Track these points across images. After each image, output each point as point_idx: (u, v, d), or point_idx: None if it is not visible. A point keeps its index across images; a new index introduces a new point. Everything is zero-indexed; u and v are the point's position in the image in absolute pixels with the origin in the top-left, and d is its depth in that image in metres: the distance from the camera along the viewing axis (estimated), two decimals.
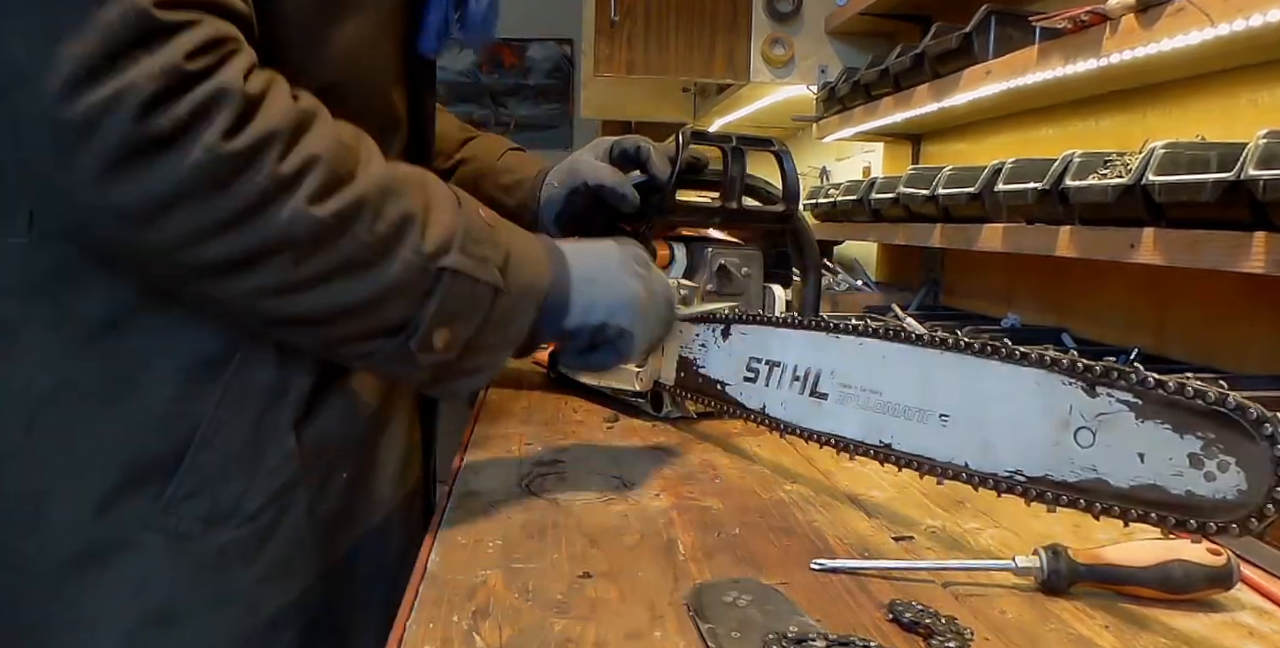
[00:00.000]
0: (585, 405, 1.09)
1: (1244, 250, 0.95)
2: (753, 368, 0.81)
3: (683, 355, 0.93)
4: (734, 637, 0.49)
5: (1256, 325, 1.24)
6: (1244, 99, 1.27)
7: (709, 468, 0.84)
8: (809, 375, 0.74)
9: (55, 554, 0.63)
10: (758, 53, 2.69)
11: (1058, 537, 0.66)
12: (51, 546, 0.63)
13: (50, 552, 0.63)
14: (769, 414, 0.79)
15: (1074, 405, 0.54)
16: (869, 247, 2.68)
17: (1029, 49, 1.36)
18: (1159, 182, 1.03)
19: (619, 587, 0.57)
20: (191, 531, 0.63)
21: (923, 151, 2.39)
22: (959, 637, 0.50)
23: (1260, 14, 0.94)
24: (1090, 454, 0.54)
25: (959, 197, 1.53)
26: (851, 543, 0.66)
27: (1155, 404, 0.51)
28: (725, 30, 2.72)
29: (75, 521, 0.62)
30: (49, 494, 0.63)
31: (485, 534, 0.66)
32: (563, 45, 5.52)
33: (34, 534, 0.63)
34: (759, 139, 1.07)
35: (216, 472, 0.64)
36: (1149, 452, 0.51)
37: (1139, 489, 0.51)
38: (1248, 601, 0.58)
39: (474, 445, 0.91)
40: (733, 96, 3.07)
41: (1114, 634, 0.53)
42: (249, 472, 0.65)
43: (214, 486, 0.64)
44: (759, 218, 1.09)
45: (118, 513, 0.62)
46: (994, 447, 0.59)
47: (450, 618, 0.53)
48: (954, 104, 1.69)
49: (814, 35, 2.70)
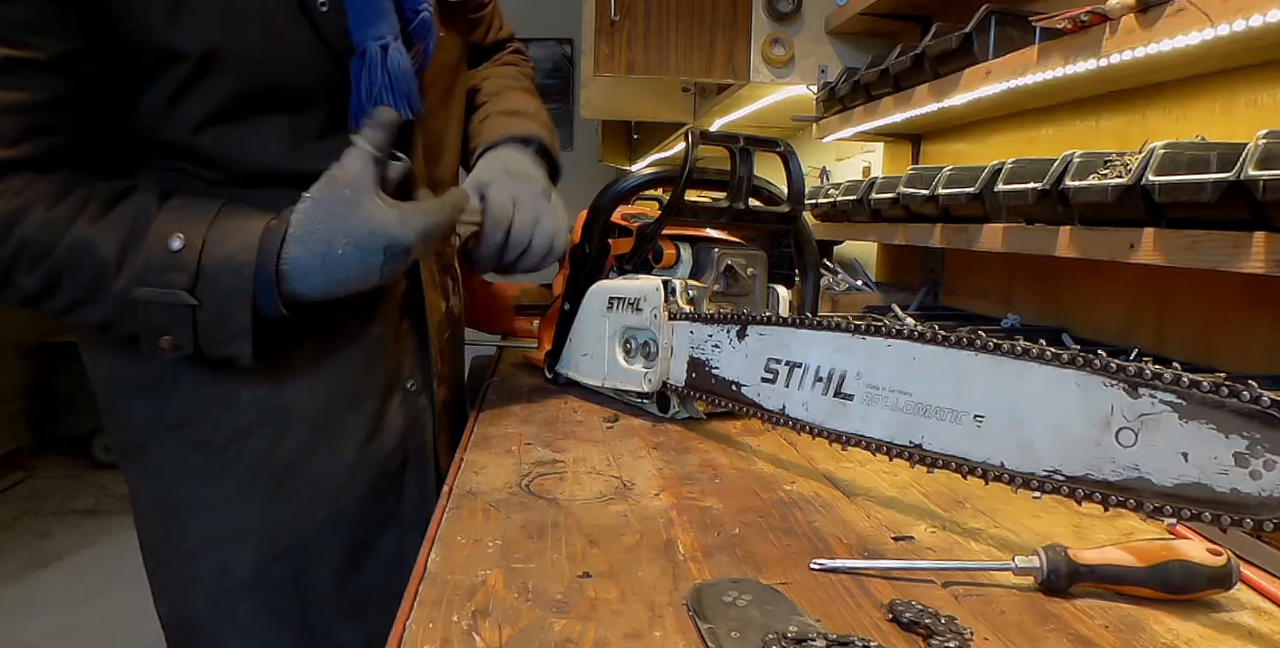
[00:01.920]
0: (585, 405, 1.09)
1: (1244, 250, 0.95)
2: (771, 369, 0.81)
3: (693, 356, 0.92)
4: (734, 637, 0.49)
5: (1256, 325, 1.24)
6: (1244, 99, 1.27)
7: (709, 468, 0.84)
8: (833, 376, 0.74)
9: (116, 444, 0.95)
10: (758, 53, 2.70)
11: (1058, 537, 0.66)
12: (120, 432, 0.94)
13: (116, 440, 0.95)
14: (789, 415, 0.79)
15: (1115, 406, 0.55)
16: (869, 247, 2.68)
17: (1029, 49, 1.36)
18: (1159, 182, 1.03)
19: (619, 587, 0.57)
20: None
21: (923, 151, 2.39)
22: (959, 637, 0.50)
23: (1260, 14, 0.94)
24: (1132, 454, 0.54)
25: (959, 197, 1.53)
26: (851, 543, 0.66)
27: (1199, 405, 0.51)
28: (725, 30, 2.72)
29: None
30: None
31: (485, 534, 0.66)
32: (563, 45, 5.52)
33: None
34: (766, 140, 1.07)
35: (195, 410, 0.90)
36: (1193, 451, 0.52)
37: (1183, 487, 0.52)
38: (1248, 601, 0.58)
39: (474, 446, 0.91)
40: (733, 96, 3.07)
41: (1114, 634, 0.53)
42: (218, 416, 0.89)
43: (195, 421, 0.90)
44: (765, 219, 1.09)
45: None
46: (1032, 447, 0.60)
47: (450, 618, 0.53)
48: (954, 104, 1.69)
49: (814, 35, 2.70)
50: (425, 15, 0.88)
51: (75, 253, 0.76)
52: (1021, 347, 0.61)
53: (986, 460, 0.62)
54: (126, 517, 1.08)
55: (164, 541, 0.94)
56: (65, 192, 0.77)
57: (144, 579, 0.97)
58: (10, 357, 4.11)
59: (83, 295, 0.78)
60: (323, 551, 0.92)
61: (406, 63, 0.86)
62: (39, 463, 4.20)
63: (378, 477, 0.95)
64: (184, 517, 0.92)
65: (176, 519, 0.92)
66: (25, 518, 3.52)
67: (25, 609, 2.74)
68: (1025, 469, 0.60)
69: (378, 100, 0.84)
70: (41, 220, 0.76)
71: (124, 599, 2.72)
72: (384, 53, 0.84)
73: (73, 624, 2.64)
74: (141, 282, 0.77)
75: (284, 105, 0.84)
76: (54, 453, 4.29)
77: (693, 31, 2.73)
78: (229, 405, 0.88)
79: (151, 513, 0.94)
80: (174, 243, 0.77)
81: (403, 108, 0.86)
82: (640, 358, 1.01)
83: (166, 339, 0.79)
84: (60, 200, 0.77)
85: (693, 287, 1.00)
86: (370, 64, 0.84)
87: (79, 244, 0.76)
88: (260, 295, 0.78)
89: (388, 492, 0.96)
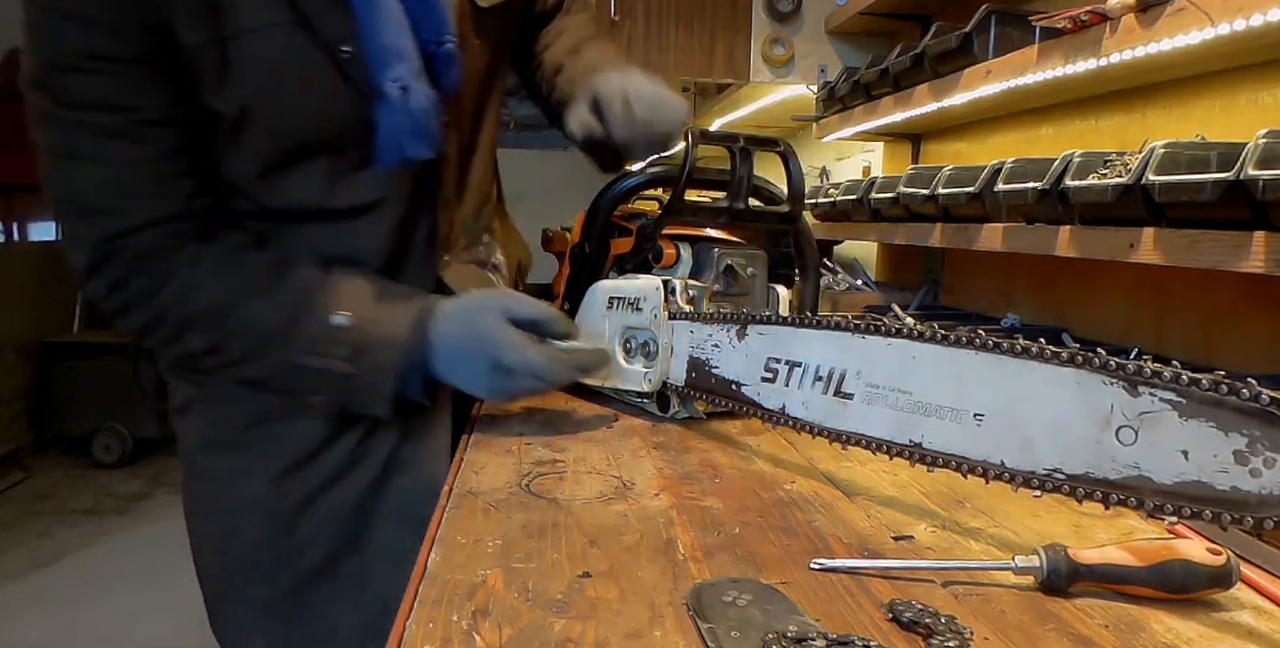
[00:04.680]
0: (585, 405, 1.09)
1: (1244, 250, 0.95)
2: (771, 368, 0.81)
3: (694, 356, 0.92)
4: (734, 636, 0.49)
5: (1256, 325, 1.24)
6: (1244, 99, 1.27)
7: (709, 468, 0.84)
8: (833, 375, 0.74)
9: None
10: (758, 52, 2.70)
11: (1058, 537, 0.66)
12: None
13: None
14: (789, 414, 0.79)
15: (1115, 404, 0.55)
16: (869, 246, 2.68)
17: (1029, 49, 1.36)
18: (1159, 181, 1.03)
19: (619, 586, 0.57)
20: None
21: (923, 151, 2.39)
22: (959, 637, 0.50)
23: (1260, 14, 0.94)
24: (1132, 452, 0.54)
25: (959, 196, 1.53)
26: (851, 543, 0.66)
27: (1199, 403, 0.51)
28: (725, 30, 2.72)
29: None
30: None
31: (485, 534, 0.66)
32: None
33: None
34: (766, 139, 1.07)
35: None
36: (1193, 449, 0.52)
37: (1183, 485, 0.52)
38: (1248, 601, 0.58)
39: (474, 446, 0.91)
40: (733, 96, 3.07)
41: (1114, 634, 0.53)
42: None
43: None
44: (765, 218, 1.09)
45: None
46: (1032, 446, 0.60)
47: (450, 618, 0.53)
48: (954, 104, 1.69)
49: (814, 35, 2.70)
50: (449, 46, 0.90)
51: (247, 323, 0.88)
52: (1021, 346, 0.61)
53: (987, 459, 0.62)
54: (126, 517, 1.11)
55: (193, 500, 1.03)
56: (233, 261, 0.89)
57: (144, 579, 1.00)
58: (10, 357, 4.11)
59: (247, 357, 0.89)
60: (322, 532, 0.98)
61: (427, 101, 0.89)
62: (39, 463, 4.20)
63: (381, 468, 0.99)
64: (204, 482, 1.01)
65: (199, 483, 1.01)
66: (25, 518, 3.52)
67: (26, 609, 2.74)
68: (1025, 468, 0.60)
69: (399, 142, 0.89)
70: (214, 292, 0.87)
71: (124, 599, 2.72)
72: (404, 94, 0.87)
73: (73, 624, 2.64)
74: (308, 351, 0.88)
75: (322, 148, 0.90)
76: (54, 453, 4.29)
77: (693, 31, 2.73)
78: (255, 393, 0.95)
79: (185, 473, 1.03)
80: (338, 319, 0.88)
81: (422, 149, 0.90)
82: (640, 358, 1.01)
83: (316, 398, 0.92)
84: (229, 271, 0.88)
85: (693, 286, 1.00)
86: (389, 108, 0.87)
87: (251, 316, 0.88)
88: (409, 373, 0.90)
89: (387, 483, 1.00)
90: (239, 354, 0.89)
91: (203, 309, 0.87)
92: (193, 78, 0.83)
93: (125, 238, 0.85)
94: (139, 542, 3.23)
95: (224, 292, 0.88)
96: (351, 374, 0.88)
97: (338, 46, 0.85)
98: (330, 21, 0.85)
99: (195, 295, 0.87)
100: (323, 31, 0.85)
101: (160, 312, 0.87)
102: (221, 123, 0.85)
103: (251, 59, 0.83)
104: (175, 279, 0.87)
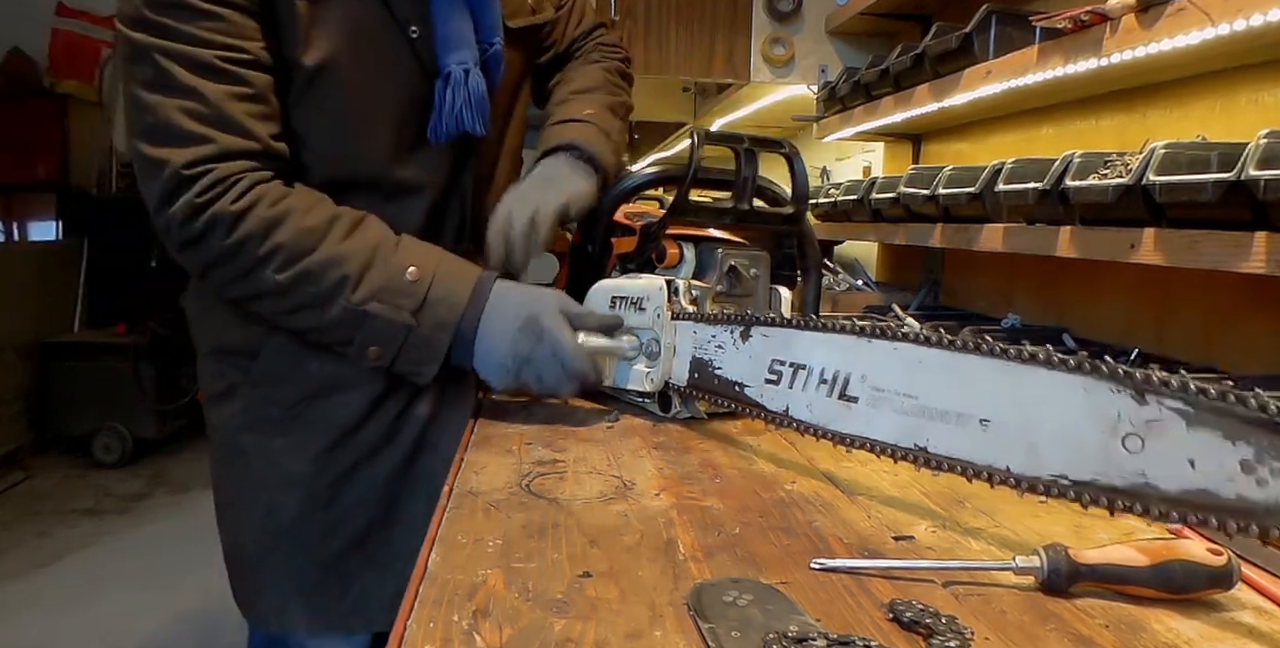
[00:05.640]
0: (585, 405, 1.09)
1: (1244, 250, 0.95)
2: (775, 370, 0.81)
3: (697, 356, 0.92)
4: (734, 636, 0.49)
5: (1256, 325, 1.24)
6: (1244, 99, 1.27)
7: (709, 468, 0.84)
8: (838, 379, 0.74)
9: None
10: (758, 52, 2.70)
11: (1058, 537, 0.66)
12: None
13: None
14: (793, 416, 0.78)
15: (1122, 412, 0.55)
16: (869, 247, 2.68)
17: (1029, 49, 1.36)
18: (1159, 182, 1.03)
19: (619, 586, 0.57)
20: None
21: (923, 151, 2.39)
22: (959, 637, 0.50)
23: (1260, 14, 0.94)
24: (1139, 460, 0.54)
25: (959, 196, 1.53)
26: (851, 543, 0.66)
27: (1206, 412, 0.51)
28: (725, 30, 2.72)
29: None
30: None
31: (485, 534, 0.66)
32: None
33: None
34: (771, 140, 1.07)
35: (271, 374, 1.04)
36: (1199, 458, 0.51)
37: (1189, 494, 0.52)
38: (1248, 601, 0.58)
39: (474, 445, 0.91)
40: (733, 96, 3.07)
41: (1114, 634, 0.53)
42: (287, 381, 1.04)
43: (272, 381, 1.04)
44: (769, 219, 1.09)
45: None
46: (1038, 452, 0.59)
47: (450, 618, 0.53)
48: (954, 104, 1.69)
49: (814, 35, 2.70)
50: (498, 48, 1.03)
51: (323, 264, 0.92)
52: (1029, 351, 0.60)
53: (992, 464, 0.62)
54: (126, 517, 1.12)
55: (228, 479, 1.08)
56: (313, 206, 0.94)
57: (144, 579, 1.00)
58: (10, 357, 4.11)
59: (315, 301, 0.92)
60: (358, 505, 1.04)
61: (483, 87, 1.00)
62: (39, 463, 4.19)
63: (411, 447, 1.05)
64: (247, 460, 1.05)
65: (241, 462, 1.05)
66: (25, 518, 3.51)
67: (26, 609, 2.74)
68: (1031, 473, 0.60)
69: (459, 116, 0.99)
70: (298, 229, 0.91)
71: (124, 599, 2.72)
72: (466, 75, 0.99)
73: (73, 624, 2.64)
74: (376, 299, 0.92)
75: (385, 120, 0.99)
76: (54, 453, 4.29)
77: (693, 31, 2.73)
78: (301, 374, 1.02)
79: (222, 454, 1.07)
80: (410, 273, 0.94)
81: (477, 125, 1.01)
82: (643, 357, 1.01)
83: (374, 350, 0.94)
84: (311, 213, 0.93)
85: (696, 287, 1.00)
86: (454, 84, 0.99)
87: (329, 258, 0.92)
88: (461, 337, 0.95)
89: (415, 462, 1.05)
90: (309, 298, 0.92)
91: (285, 243, 0.90)
92: (279, 30, 0.92)
93: (213, 162, 0.89)
94: (139, 542, 3.23)
95: (307, 231, 0.92)
96: (412, 327, 0.93)
97: (408, 26, 0.97)
98: (406, 2, 0.97)
99: (279, 230, 0.90)
100: (399, 11, 0.97)
101: (244, 238, 0.90)
102: (298, 76, 0.94)
103: (334, 21, 0.93)
104: (259, 207, 0.90)
